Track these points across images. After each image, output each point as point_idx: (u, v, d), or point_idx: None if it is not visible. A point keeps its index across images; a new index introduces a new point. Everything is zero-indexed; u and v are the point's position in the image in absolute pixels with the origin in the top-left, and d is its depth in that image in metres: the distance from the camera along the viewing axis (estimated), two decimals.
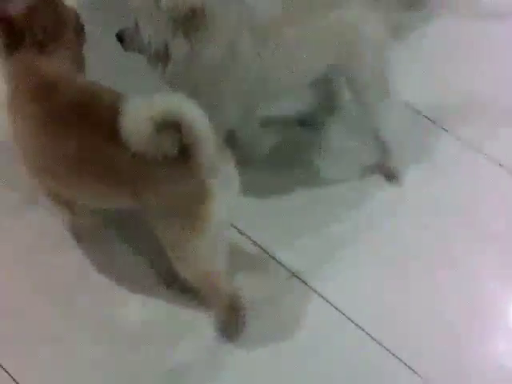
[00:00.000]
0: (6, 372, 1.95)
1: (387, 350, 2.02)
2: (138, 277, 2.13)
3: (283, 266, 2.18)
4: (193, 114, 1.56)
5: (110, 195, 1.79)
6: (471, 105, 2.56)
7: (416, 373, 2.00)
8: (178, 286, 2.02)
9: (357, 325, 2.07)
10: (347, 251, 2.22)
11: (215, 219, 1.70)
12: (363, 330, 2.06)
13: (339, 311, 2.10)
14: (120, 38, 1.95)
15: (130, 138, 1.57)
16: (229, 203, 1.72)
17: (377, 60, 2.13)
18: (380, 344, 2.03)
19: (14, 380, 1.95)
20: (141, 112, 1.56)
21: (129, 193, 1.72)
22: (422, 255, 2.23)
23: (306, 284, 2.15)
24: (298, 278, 2.16)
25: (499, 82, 2.64)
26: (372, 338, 2.05)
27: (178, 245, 1.77)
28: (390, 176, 2.37)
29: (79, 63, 1.94)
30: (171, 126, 1.56)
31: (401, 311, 2.11)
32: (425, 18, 2.81)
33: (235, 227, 2.18)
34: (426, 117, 2.56)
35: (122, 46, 1.97)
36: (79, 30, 1.97)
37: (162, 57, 1.88)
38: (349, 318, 2.09)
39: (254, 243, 2.21)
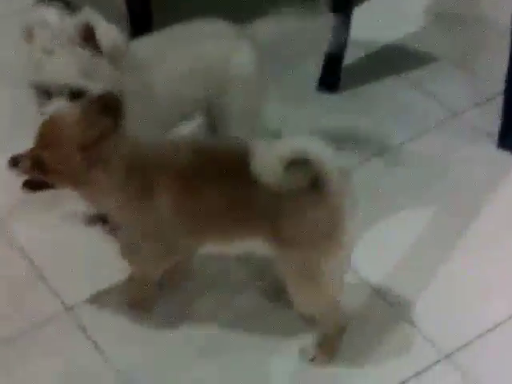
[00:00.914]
0: None
1: None
2: None
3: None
4: (318, 150, 1.70)
5: (247, 237, 1.88)
6: None
7: None
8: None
9: None
10: None
11: (349, 241, 1.83)
12: None
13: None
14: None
15: (264, 177, 1.71)
16: (355, 223, 1.83)
17: (247, 95, 2.15)
18: None
19: None
20: (271, 154, 1.70)
21: (266, 231, 1.82)
22: None
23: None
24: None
25: None
26: None
27: (312, 276, 1.84)
28: None
29: None
30: (299, 162, 1.70)
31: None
32: None
33: None
34: None
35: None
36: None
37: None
38: None
39: None
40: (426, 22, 3.15)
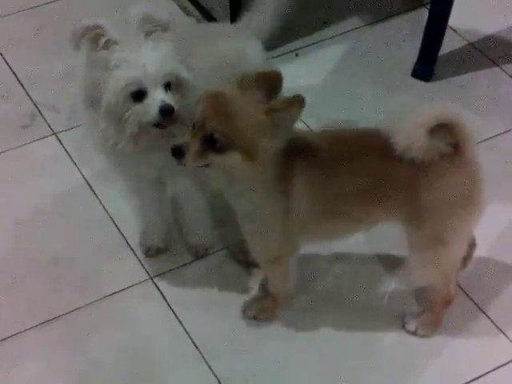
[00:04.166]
0: None
1: None
2: None
3: None
4: (460, 116, 1.75)
5: (382, 213, 1.92)
6: None
7: None
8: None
9: None
10: None
11: (483, 201, 1.85)
12: None
13: None
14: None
15: (408, 148, 1.73)
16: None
17: None
18: None
19: None
20: (412, 123, 1.73)
21: (404, 207, 1.85)
22: None
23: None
24: None
25: None
26: None
27: (445, 243, 1.87)
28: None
29: None
30: (441, 129, 1.73)
31: None
32: None
33: None
34: None
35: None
36: None
37: None
38: None
39: None
40: None
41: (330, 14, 3.00)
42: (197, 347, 2.06)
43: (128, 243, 2.29)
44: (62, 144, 2.57)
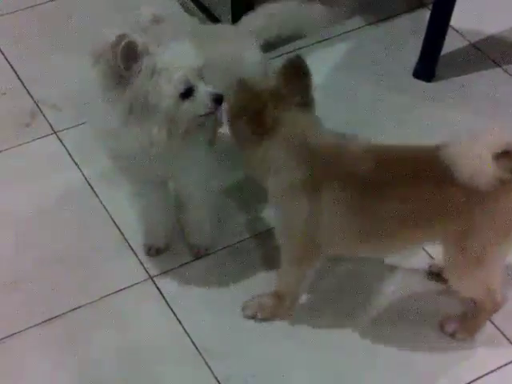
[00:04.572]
0: None
1: None
2: None
3: None
4: None
5: (428, 237, 1.93)
6: None
7: None
8: None
9: None
10: None
11: None
12: None
13: None
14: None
15: (472, 174, 1.73)
16: None
17: None
18: None
19: None
20: (479, 149, 1.73)
21: (451, 226, 1.85)
22: None
23: None
24: None
25: None
26: None
27: (487, 262, 1.88)
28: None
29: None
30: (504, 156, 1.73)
31: None
32: None
33: None
34: None
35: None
36: None
37: None
38: None
39: None
40: None
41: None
42: (196, 347, 2.06)
43: (128, 243, 2.29)
44: (62, 143, 2.56)
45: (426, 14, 2.76)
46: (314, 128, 1.88)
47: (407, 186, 1.82)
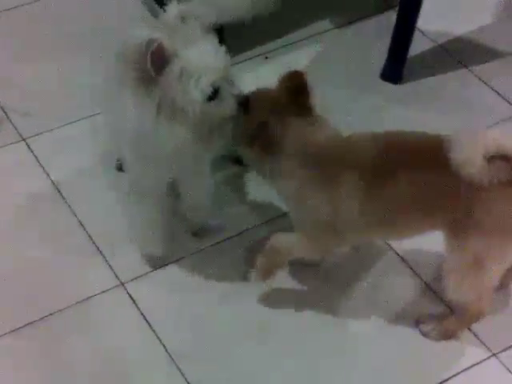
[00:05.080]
0: None
1: None
2: None
3: None
4: None
5: (434, 223, 1.93)
6: None
7: None
8: None
9: None
10: None
11: None
12: None
13: None
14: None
15: (466, 169, 1.76)
16: None
17: None
18: None
19: None
20: (474, 146, 1.75)
21: (452, 220, 1.87)
22: None
23: None
24: None
25: None
26: None
27: (485, 263, 1.88)
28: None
29: None
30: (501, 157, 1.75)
31: None
32: None
33: None
34: None
35: None
36: None
37: None
38: None
39: None
40: (500, 16, 3.08)
41: (299, 17, 3.01)
42: (168, 353, 2.05)
43: (98, 248, 2.27)
44: (31, 150, 2.54)
45: (393, 16, 2.78)
46: (318, 129, 1.93)
47: (415, 173, 1.83)
